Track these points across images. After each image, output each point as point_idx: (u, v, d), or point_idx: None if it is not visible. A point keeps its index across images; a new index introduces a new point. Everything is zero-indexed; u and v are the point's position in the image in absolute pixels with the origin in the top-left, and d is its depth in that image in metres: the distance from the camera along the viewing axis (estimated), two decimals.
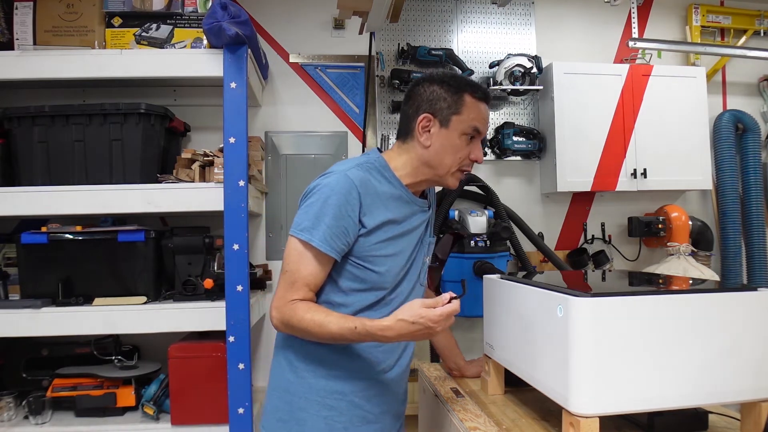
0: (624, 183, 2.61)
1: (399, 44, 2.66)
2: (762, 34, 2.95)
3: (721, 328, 0.99)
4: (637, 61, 2.80)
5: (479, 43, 2.77)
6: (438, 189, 2.60)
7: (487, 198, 2.62)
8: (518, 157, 2.75)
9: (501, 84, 2.63)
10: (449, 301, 1.09)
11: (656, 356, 0.96)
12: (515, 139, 2.69)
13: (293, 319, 1.17)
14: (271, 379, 1.33)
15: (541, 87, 2.66)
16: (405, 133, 1.29)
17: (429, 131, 1.24)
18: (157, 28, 2.10)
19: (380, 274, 1.22)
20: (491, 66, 2.70)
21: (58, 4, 2.06)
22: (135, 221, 2.09)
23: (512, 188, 2.78)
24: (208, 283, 1.97)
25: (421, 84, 1.27)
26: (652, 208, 2.84)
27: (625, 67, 2.65)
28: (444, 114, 1.23)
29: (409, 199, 1.28)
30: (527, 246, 2.63)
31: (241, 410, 1.88)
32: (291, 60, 2.61)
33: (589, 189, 2.61)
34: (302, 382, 1.25)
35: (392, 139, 2.65)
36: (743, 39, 2.95)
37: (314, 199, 1.19)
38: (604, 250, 2.78)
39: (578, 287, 1.09)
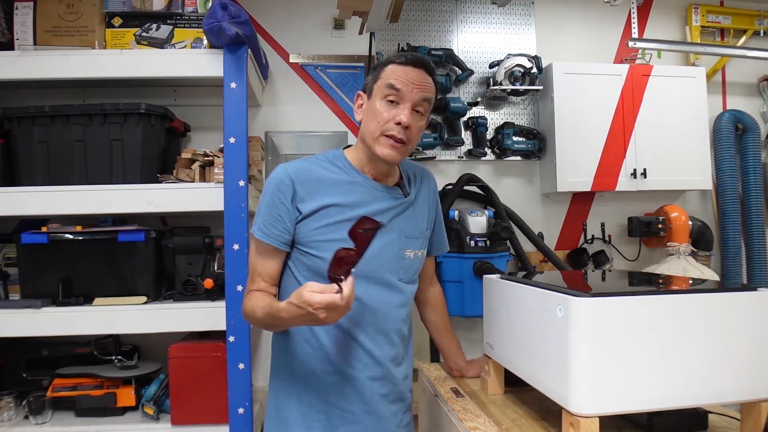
0: (624, 183, 2.61)
1: (399, 44, 2.66)
2: (762, 34, 2.95)
3: (721, 328, 0.99)
4: (637, 61, 2.80)
5: (479, 43, 2.77)
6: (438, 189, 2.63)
7: (487, 198, 2.62)
8: (518, 157, 2.75)
9: (501, 84, 2.63)
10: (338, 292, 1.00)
11: (656, 356, 0.96)
12: (515, 139, 2.69)
13: (242, 307, 1.24)
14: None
15: (541, 87, 2.67)
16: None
17: (361, 107, 1.27)
18: (157, 28, 2.10)
19: (323, 259, 1.18)
20: (491, 66, 2.70)
21: (59, 4, 2.06)
22: (135, 221, 2.09)
23: (512, 188, 2.78)
24: (208, 283, 1.97)
25: None
26: (652, 208, 2.84)
27: (625, 67, 2.65)
28: (369, 86, 1.26)
29: (366, 183, 1.27)
30: (527, 246, 2.64)
31: (241, 410, 1.88)
32: (291, 60, 2.61)
33: (589, 189, 2.61)
34: (283, 380, 1.27)
35: None
36: (743, 39, 2.95)
37: (261, 195, 1.26)
38: (604, 250, 2.78)
39: (578, 287, 1.09)
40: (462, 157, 2.73)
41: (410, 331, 1.39)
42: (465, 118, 2.72)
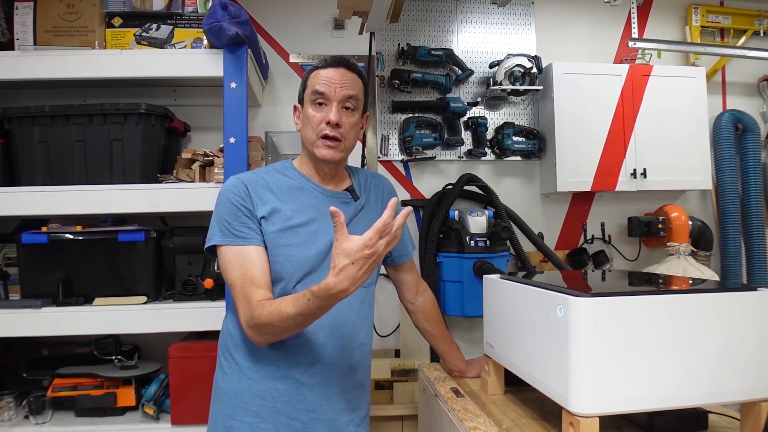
0: (624, 183, 2.61)
1: (399, 44, 2.66)
2: (762, 34, 2.95)
3: (721, 328, 0.99)
4: (637, 61, 2.80)
5: (479, 43, 2.77)
6: (438, 189, 2.63)
7: (487, 198, 2.62)
8: (518, 157, 2.75)
9: (501, 84, 2.63)
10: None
11: (656, 356, 0.96)
12: (515, 139, 2.69)
13: (259, 322, 1.13)
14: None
15: (541, 87, 2.66)
16: None
17: (299, 117, 1.35)
18: (158, 28, 2.10)
19: (278, 263, 1.24)
20: (491, 66, 2.70)
21: (59, 4, 2.06)
22: (135, 221, 2.09)
23: (512, 188, 2.78)
24: (208, 283, 1.97)
25: None
26: (652, 208, 2.84)
27: (624, 67, 2.65)
28: (300, 96, 1.35)
29: (314, 189, 1.32)
30: (527, 246, 2.63)
31: None
32: (291, 60, 2.61)
33: (588, 189, 2.61)
34: (231, 386, 1.28)
35: (392, 139, 2.65)
36: (743, 39, 2.95)
37: (215, 209, 1.30)
38: (604, 250, 2.78)
39: (578, 287, 1.09)
40: (462, 157, 2.73)
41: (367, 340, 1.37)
42: (465, 118, 2.72)
